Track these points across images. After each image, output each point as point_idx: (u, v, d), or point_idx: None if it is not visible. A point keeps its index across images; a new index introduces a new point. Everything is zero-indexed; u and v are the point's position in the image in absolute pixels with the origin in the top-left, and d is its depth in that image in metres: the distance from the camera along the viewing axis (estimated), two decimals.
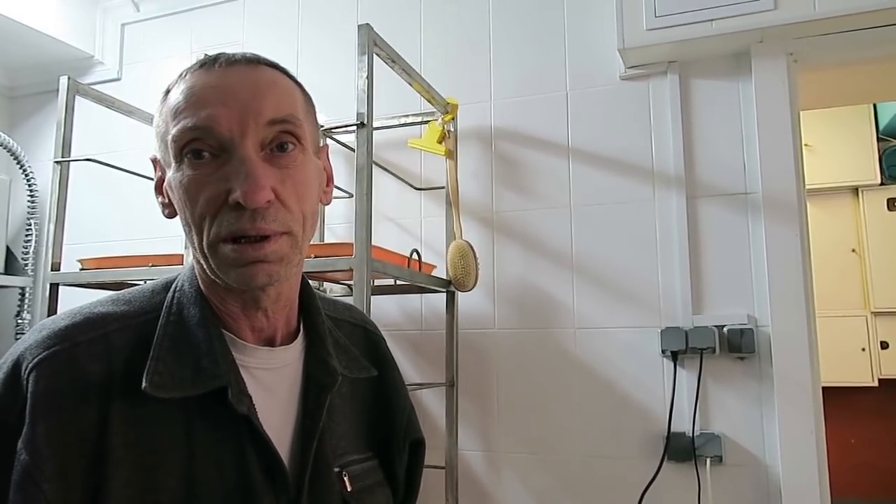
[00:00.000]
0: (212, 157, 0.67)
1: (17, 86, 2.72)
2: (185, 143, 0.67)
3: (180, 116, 0.67)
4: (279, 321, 0.77)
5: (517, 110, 1.99)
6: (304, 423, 0.76)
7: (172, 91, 0.70)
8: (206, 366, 0.69)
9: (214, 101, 0.67)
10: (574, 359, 1.84)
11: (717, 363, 1.70)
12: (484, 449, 1.89)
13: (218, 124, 0.66)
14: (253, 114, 0.67)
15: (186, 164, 0.67)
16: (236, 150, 0.66)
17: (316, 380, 0.78)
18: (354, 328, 0.92)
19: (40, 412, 0.62)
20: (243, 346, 0.74)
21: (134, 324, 0.71)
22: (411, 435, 0.92)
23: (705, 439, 1.67)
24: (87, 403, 0.64)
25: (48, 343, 0.66)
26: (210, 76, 0.69)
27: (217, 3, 2.45)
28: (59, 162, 1.75)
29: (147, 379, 0.66)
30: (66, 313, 0.70)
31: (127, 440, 0.65)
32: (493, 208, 1.98)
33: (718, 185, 1.76)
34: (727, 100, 1.78)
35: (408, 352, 2.02)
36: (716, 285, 1.74)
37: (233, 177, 0.65)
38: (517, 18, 2.03)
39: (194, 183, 0.67)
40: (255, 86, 0.69)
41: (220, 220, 0.66)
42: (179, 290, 0.75)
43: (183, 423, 0.68)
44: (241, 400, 0.69)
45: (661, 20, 1.70)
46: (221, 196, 0.66)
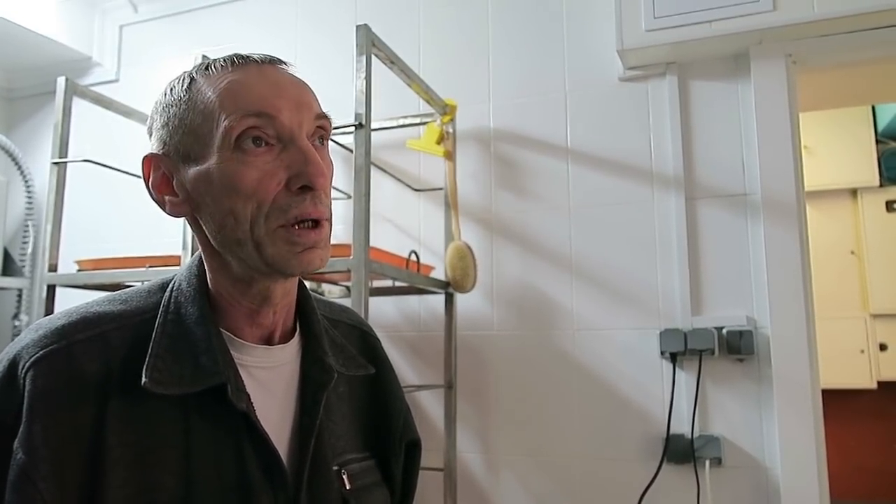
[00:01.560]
0: (269, 146, 0.68)
1: (14, 87, 2.71)
2: (245, 129, 0.67)
3: (236, 104, 0.67)
4: (280, 318, 0.77)
5: (516, 111, 1.99)
6: (301, 421, 0.76)
7: (203, 84, 0.70)
8: (204, 363, 0.69)
9: (273, 94, 0.69)
10: (573, 360, 1.83)
11: (717, 365, 1.70)
12: (482, 451, 1.89)
13: (280, 114, 0.68)
14: (305, 109, 0.71)
15: (244, 151, 0.67)
16: (296, 140, 0.69)
17: (313, 378, 0.78)
18: (351, 329, 0.92)
19: (37, 411, 0.62)
20: (241, 345, 0.74)
21: (131, 323, 0.71)
22: (407, 436, 0.92)
23: (704, 441, 1.67)
24: (84, 402, 0.64)
25: (45, 342, 0.66)
26: (258, 71, 0.71)
27: (215, 4, 2.44)
28: (57, 163, 1.75)
29: (147, 375, 0.66)
30: (63, 313, 0.70)
31: (124, 439, 0.64)
32: (491, 210, 1.98)
33: (717, 187, 1.76)
34: (726, 101, 1.78)
35: (406, 353, 2.02)
36: (715, 287, 1.73)
37: (294, 164, 0.68)
38: (516, 19, 2.03)
39: (252, 170, 0.67)
40: (299, 84, 0.73)
41: (280, 204, 0.68)
42: (177, 290, 0.75)
43: (181, 420, 0.68)
44: (239, 397, 0.69)
45: (660, 21, 1.69)
46: (282, 182, 0.68)
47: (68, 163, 1.78)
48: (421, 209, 2.06)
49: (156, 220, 0.78)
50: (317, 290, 2.08)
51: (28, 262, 2.48)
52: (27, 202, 2.52)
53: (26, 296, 2.47)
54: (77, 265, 1.79)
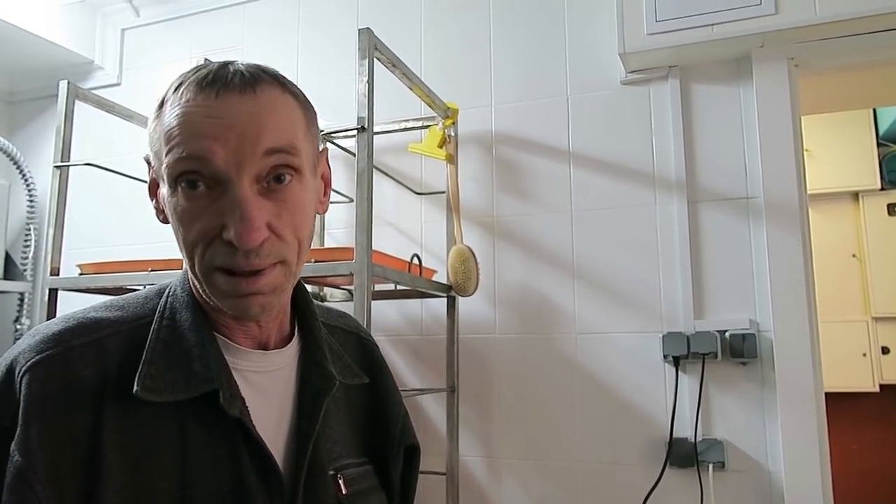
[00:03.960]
0: (206, 189, 0.66)
1: (17, 91, 2.71)
2: (180, 172, 0.65)
3: (174, 143, 0.66)
4: (272, 329, 0.77)
5: (518, 115, 1.99)
6: (299, 425, 0.75)
7: (167, 107, 0.68)
8: (197, 369, 0.69)
9: (211, 133, 0.65)
10: (575, 364, 1.83)
11: (719, 368, 1.69)
12: (485, 455, 1.88)
13: (214, 157, 0.64)
14: (250, 144, 0.65)
15: (181, 194, 0.66)
16: (232, 186, 0.65)
17: (313, 383, 0.78)
18: (349, 335, 0.92)
19: (33, 415, 0.62)
20: (236, 350, 0.73)
21: (127, 329, 0.71)
22: (406, 441, 0.91)
23: (707, 445, 1.66)
24: (80, 407, 0.64)
25: (42, 347, 0.66)
26: (207, 102, 0.66)
27: (217, 7, 2.45)
28: (59, 166, 1.75)
29: (139, 383, 0.66)
30: (61, 318, 0.70)
31: (120, 444, 0.64)
32: (493, 213, 1.97)
33: (720, 190, 1.76)
34: (728, 104, 1.77)
35: (408, 357, 2.01)
36: (717, 290, 1.73)
37: (227, 213, 0.65)
38: (518, 23, 2.03)
39: (187, 213, 0.66)
40: (253, 115, 0.66)
41: (212, 251, 0.66)
42: (172, 295, 0.75)
43: (176, 426, 0.68)
44: (232, 403, 0.69)
45: (662, 25, 1.70)
46: (215, 229, 0.65)
47: (70, 166, 1.78)
48: (423, 213, 2.06)
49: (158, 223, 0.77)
50: (318, 295, 2.08)
51: (29, 266, 2.48)
52: (29, 206, 2.52)
53: (28, 299, 2.46)
54: (79, 269, 1.79)
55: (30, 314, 2.45)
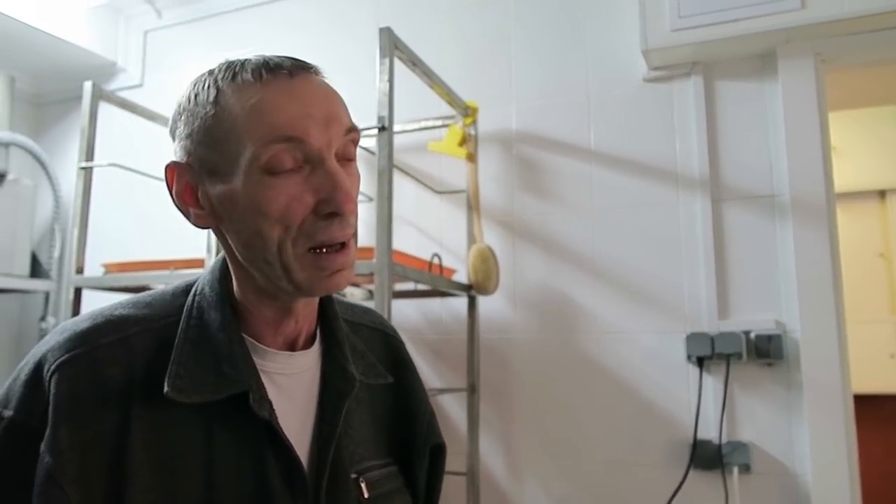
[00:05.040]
0: (296, 168, 0.66)
1: (42, 93, 2.75)
2: (272, 155, 0.65)
3: (264, 128, 0.65)
4: (305, 325, 0.77)
5: (539, 113, 1.97)
6: (321, 428, 0.75)
7: (229, 97, 0.67)
8: (227, 370, 0.68)
9: (301, 114, 0.66)
10: (597, 364, 1.81)
11: (745, 369, 1.67)
12: (505, 455, 1.87)
13: (309, 137, 0.65)
14: (335, 126, 0.68)
15: (268, 179, 0.65)
16: (325, 162, 0.66)
17: (334, 385, 0.77)
18: (374, 332, 0.91)
19: (62, 415, 0.62)
20: (264, 351, 0.73)
21: (155, 327, 0.70)
22: (431, 440, 0.90)
23: (732, 447, 1.64)
24: (107, 407, 0.64)
25: (70, 345, 0.66)
26: (285, 85, 0.67)
27: (238, 8, 2.46)
28: (84, 167, 1.76)
29: (169, 383, 0.65)
30: (88, 315, 0.70)
31: (147, 444, 0.64)
32: (514, 212, 1.96)
33: (744, 188, 1.73)
34: (753, 101, 1.75)
35: (428, 357, 2.01)
36: (743, 290, 1.70)
37: (322, 188, 0.66)
38: (539, 21, 2.02)
39: (281, 194, 0.65)
40: (329, 96, 0.70)
41: (307, 230, 0.66)
42: (200, 294, 0.74)
43: (203, 427, 0.67)
44: (262, 405, 0.68)
45: (685, 21, 1.67)
46: (310, 207, 0.66)
47: (94, 167, 1.79)
48: (443, 212, 2.05)
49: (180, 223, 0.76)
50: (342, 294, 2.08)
51: (55, 266, 2.51)
52: (55, 206, 2.55)
53: (53, 298, 2.50)
54: (104, 268, 1.81)
55: (55, 313, 2.48)
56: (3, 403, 0.65)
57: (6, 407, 0.65)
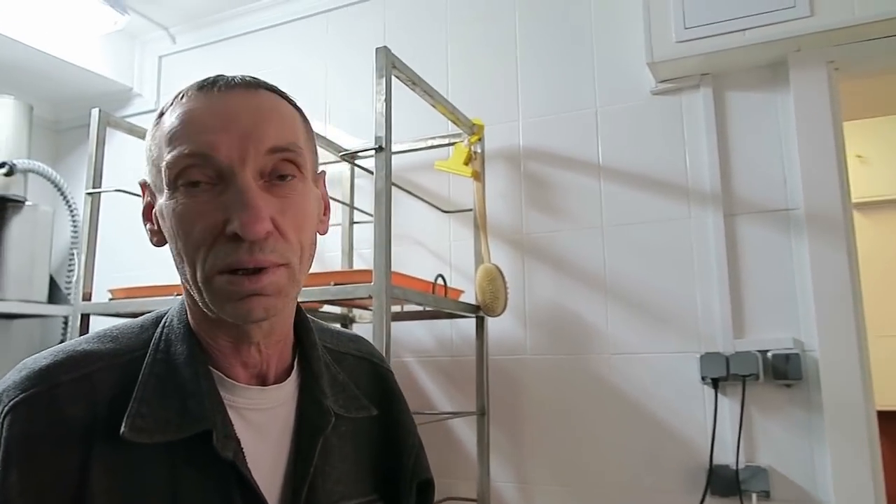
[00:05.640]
0: (209, 185, 0.64)
1: (61, 119, 2.81)
2: (181, 169, 0.63)
3: (176, 142, 0.64)
4: (272, 357, 0.73)
5: (546, 129, 1.94)
6: (295, 466, 0.72)
7: (167, 114, 0.67)
8: (191, 407, 0.66)
9: (213, 127, 0.63)
10: (609, 386, 1.76)
11: (762, 391, 1.60)
12: (517, 480, 1.83)
13: (217, 151, 0.63)
14: (254, 141, 0.64)
15: (181, 192, 0.64)
16: (235, 178, 0.63)
17: (309, 420, 0.74)
18: (360, 362, 0.88)
19: (13, 459, 0.60)
20: (232, 386, 0.70)
21: (119, 363, 0.68)
22: (419, 475, 0.86)
23: (751, 472, 1.57)
24: (66, 449, 0.62)
25: (26, 384, 0.63)
26: (209, 100, 0.65)
27: (250, 31, 2.48)
28: (90, 193, 1.78)
29: (127, 423, 0.63)
30: (51, 351, 0.68)
31: (108, 486, 0.62)
32: (522, 230, 1.93)
33: (758, 202, 1.68)
34: (765, 112, 1.69)
35: (438, 379, 1.98)
36: (758, 308, 1.64)
37: (231, 207, 0.62)
38: (544, 35, 1.99)
39: (190, 212, 0.63)
40: (256, 111, 0.66)
41: (216, 251, 0.63)
42: (168, 326, 0.72)
43: (168, 467, 0.65)
44: (226, 444, 0.65)
45: (691, 31, 1.63)
46: (218, 227, 0.62)
47: (101, 193, 1.81)
48: (452, 231, 2.02)
49: None
50: (347, 316, 2.07)
51: (73, 290, 2.54)
52: (72, 231, 2.58)
53: (71, 323, 2.51)
54: (110, 294, 1.81)
55: (73, 337, 2.50)
56: None
57: None
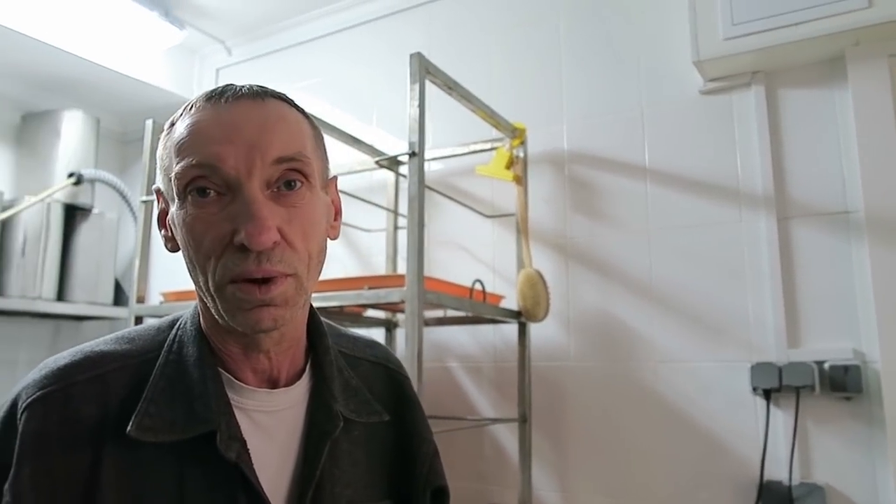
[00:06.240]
0: (217, 195, 0.64)
1: (127, 131, 2.94)
2: (189, 180, 0.64)
3: (184, 153, 0.65)
4: (283, 362, 0.74)
5: (590, 132, 1.90)
6: (303, 469, 0.72)
7: (177, 124, 0.68)
8: (198, 409, 0.67)
9: (220, 138, 0.64)
10: (655, 395, 1.70)
11: (818, 403, 1.51)
12: (560, 490, 1.78)
13: (223, 162, 0.63)
14: (260, 151, 0.64)
15: (190, 203, 0.65)
16: (242, 189, 0.64)
17: (318, 424, 0.74)
18: (375, 367, 0.87)
19: (28, 455, 0.62)
20: (241, 388, 0.71)
21: (133, 364, 0.70)
22: (433, 482, 0.85)
23: (806, 490, 1.49)
24: (78, 446, 0.64)
25: (44, 383, 0.66)
26: (216, 111, 0.66)
27: (301, 42, 2.54)
28: (145, 201, 1.85)
29: (135, 422, 0.64)
30: (70, 351, 0.70)
31: (118, 485, 0.63)
32: (566, 234, 1.89)
33: (814, 204, 1.59)
34: (821, 110, 1.61)
35: (481, 384, 1.96)
36: (814, 316, 1.55)
37: (238, 217, 0.63)
38: (589, 37, 1.95)
39: (199, 222, 0.64)
40: (262, 122, 0.66)
41: (224, 261, 0.64)
42: (182, 329, 0.74)
43: (175, 467, 0.66)
44: (230, 446, 0.66)
45: (740, 28, 1.57)
46: (226, 237, 0.63)
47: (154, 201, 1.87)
48: (495, 236, 2.01)
49: None
50: (391, 321, 2.07)
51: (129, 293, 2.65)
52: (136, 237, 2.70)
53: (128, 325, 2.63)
54: (162, 296, 1.88)
55: None
56: None
57: None
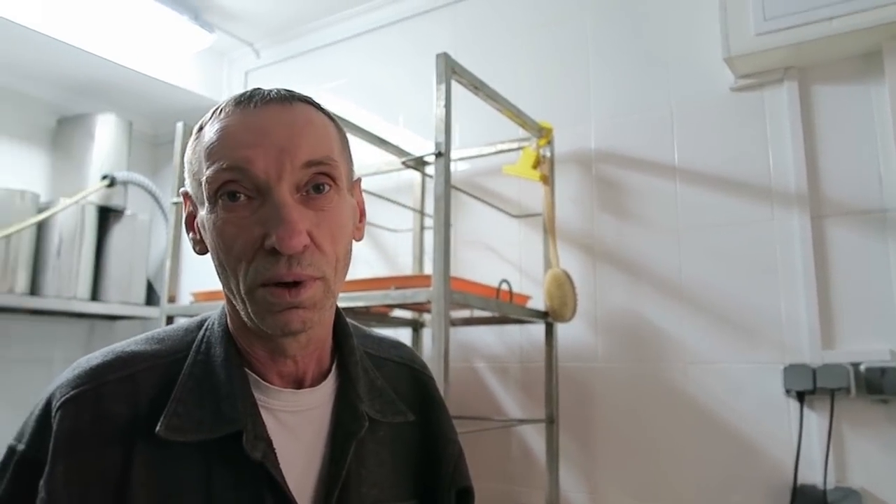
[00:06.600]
0: (247, 199, 0.65)
1: (159, 134, 2.99)
2: (220, 184, 0.65)
3: (214, 157, 0.66)
4: (309, 364, 0.75)
5: (618, 130, 1.88)
6: (329, 469, 0.73)
7: (206, 129, 0.69)
8: (224, 409, 0.68)
9: (250, 143, 0.65)
10: (684, 397, 1.68)
11: (854, 406, 1.48)
12: (588, 492, 1.77)
13: (253, 166, 0.64)
14: (289, 155, 0.65)
15: (221, 206, 0.65)
16: (272, 193, 0.64)
17: (343, 424, 0.75)
18: (400, 368, 0.88)
19: (61, 452, 0.63)
20: (266, 388, 0.72)
21: (162, 363, 0.71)
22: (458, 483, 0.85)
23: (842, 495, 1.45)
24: (110, 444, 0.65)
25: (77, 382, 0.67)
26: (245, 116, 0.67)
27: (328, 43, 2.56)
28: (175, 203, 1.88)
29: (164, 422, 0.66)
30: (102, 351, 0.72)
31: (147, 482, 0.65)
32: (594, 234, 1.87)
33: (849, 203, 1.55)
34: (856, 106, 1.57)
35: (507, 384, 1.95)
36: (850, 317, 1.52)
37: (269, 221, 0.64)
38: (616, 35, 1.93)
39: (229, 226, 0.65)
40: (290, 126, 0.67)
41: (255, 265, 0.64)
42: (209, 330, 0.75)
43: (203, 466, 0.67)
44: (255, 445, 0.67)
45: (772, 23, 1.53)
46: (257, 241, 0.64)
47: None
48: (522, 236, 2.00)
49: None
50: (418, 321, 2.08)
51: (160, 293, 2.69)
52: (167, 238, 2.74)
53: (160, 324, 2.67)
54: (192, 296, 1.90)
55: None
56: (18, 437, 0.68)
57: (20, 441, 0.67)
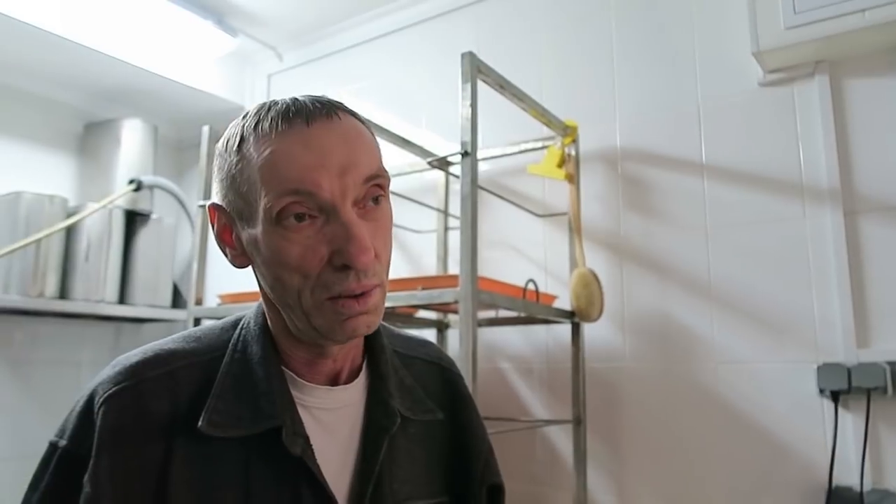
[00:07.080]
0: (311, 218, 0.65)
1: (183, 138, 3.02)
2: (283, 207, 0.64)
3: (276, 180, 0.64)
4: (345, 362, 0.76)
5: (644, 128, 1.86)
6: (362, 465, 0.74)
7: (252, 146, 0.67)
8: (263, 405, 0.69)
9: (311, 164, 0.64)
10: (715, 397, 1.65)
11: (891, 406, 1.44)
12: (616, 494, 1.75)
13: (320, 188, 0.64)
14: (351, 174, 0.66)
15: (286, 229, 0.65)
16: (338, 212, 0.65)
17: (375, 421, 0.76)
18: (429, 366, 0.89)
19: (105, 447, 0.65)
20: (303, 385, 0.73)
21: (201, 361, 0.72)
22: (489, 479, 0.87)
23: (879, 496, 1.42)
24: (151, 439, 0.66)
25: (118, 379, 0.69)
26: (300, 135, 0.66)
27: (350, 46, 2.56)
28: (202, 205, 1.89)
29: (205, 418, 0.67)
30: (142, 349, 0.73)
31: (187, 477, 0.66)
32: (620, 233, 1.86)
33: (884, 198, 1.52)
34: (889, 99, 1.53)
35: (533, 385, 1.94)
36: (885, 315, 1.49)
37: (336, 239, 0.65)
38: (641, 32, 1.91)
39: (295, 245, 0.65)
40: (345, 142, 0.67)
41: (323, 280, 0.65)
42: (245, 328, 0.76)
43: (242, 461, 0.68)
44: (294, 441, 0.68)
45: (802, 16, 1.51)
46: (325, 258, 0.65)
47: None
48: (547, 235, 1.98)
49: None
50: (443, 322, 2.07)
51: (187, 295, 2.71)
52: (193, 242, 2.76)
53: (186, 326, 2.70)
54: (219, 299, 1.92)
55: None
56: (60, 433, 0.69)
57: (62, 437, 0.69)
